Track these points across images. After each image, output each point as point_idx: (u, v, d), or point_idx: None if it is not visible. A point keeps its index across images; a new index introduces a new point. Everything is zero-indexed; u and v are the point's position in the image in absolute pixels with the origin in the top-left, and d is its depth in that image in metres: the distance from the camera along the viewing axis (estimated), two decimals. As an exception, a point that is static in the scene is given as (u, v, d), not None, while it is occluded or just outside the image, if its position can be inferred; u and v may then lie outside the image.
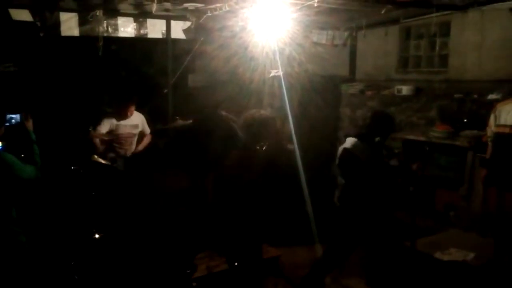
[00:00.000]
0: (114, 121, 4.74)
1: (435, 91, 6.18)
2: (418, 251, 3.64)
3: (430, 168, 5.44)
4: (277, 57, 5.21)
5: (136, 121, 4.92)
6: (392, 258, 3.63)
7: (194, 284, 3.49)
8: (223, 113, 2.38)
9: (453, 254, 3.65)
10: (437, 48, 6.37)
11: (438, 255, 3.63)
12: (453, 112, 5.79)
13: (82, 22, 5.14)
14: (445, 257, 3.61)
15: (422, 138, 5.70)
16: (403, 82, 6.61)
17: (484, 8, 5.47)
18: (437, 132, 5.55)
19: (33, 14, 4.95)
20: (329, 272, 3.65)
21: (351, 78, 7.37)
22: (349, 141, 3.41)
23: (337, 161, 3.48)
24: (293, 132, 4.65)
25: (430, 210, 5.39)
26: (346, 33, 6.96)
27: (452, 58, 6.13)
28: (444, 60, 6.28)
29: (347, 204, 3.46)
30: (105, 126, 4.68)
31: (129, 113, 4.80)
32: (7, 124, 3.06)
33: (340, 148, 3.45)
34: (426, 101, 6.21)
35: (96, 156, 4.38)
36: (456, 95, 5.79)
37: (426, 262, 3.64)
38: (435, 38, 6.33)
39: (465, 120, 5.53)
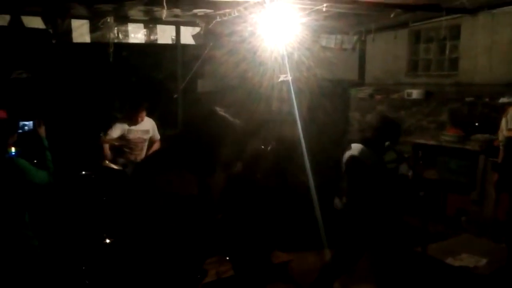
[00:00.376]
0: (125, 126, 4.79)
1: (445, 95, 6.14)
2: (429, 256, 3.60)
3: (441, 172, 5.40)
4: (286, 62, 5.22)
5: (147, 126, 4.96)
6: (403, 263, 3.60)
7: (203, 289, 3.50)
8: (218, 109, 2.36)
9: (465, 260, 3.60)
10: (447, 51, 6.34)
11: (449, 260, 3.58)
12: (464, 116, 5.74)
13: (93, 29, 5.21)
14: (457, 263, 3.56)
15: (432, 142, 5.66)
16: (413, 86, 6.58)
17: (494, 11, 5.43)
18: (448, 136, 5.51)
19: (45, 21, 5.02)
20: (338, 277, 3.63)
21: (360, 82, 7.35)
22: (355, 148, 3.37)
23: (343, 167, 3.46)
24: (301, 136, 4.65)
25: (441, 215, 5.34)
26: (355, 37, 6.95)
27: (462, 62, 6.09)
28: (454, 63, 6.24)
29: (354, 209, 3.44)
30: (116, 131, 4.73)
31: (140, 119, 4.84)
32: (20, 131, 3.12)
33: (346, 155, 3.41)
34: (436, 105, 6.17)
35: (107, 162, 4.42)
36: (467, 99, 5.75)
37: (438, 267, 3.61)
38: (445, 42, 6.29)
39: (476, 124, 5.49)
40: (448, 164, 5.36)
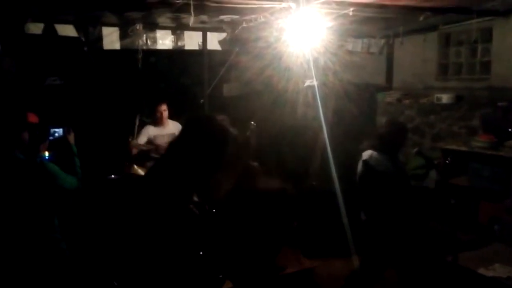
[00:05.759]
0: (152, 131, 4.91)
1: (477, 99, 5.96)
2: (460, 266, 3.49)
3: (473, 179, 5.23)
4: (312, 67, 5.19)
5: (172, 129, 5.03)
6: (433, 272, 3.51)
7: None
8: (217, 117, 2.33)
9: (498, 270, 3.48)
10: (478, 54, 6.15)
11: (481, 270, 3.46)
12: (496, 121, 5.55)
13: (123, 36, 5.36)
14: (489, 273, 3.44)
15: (464, 148, 5.50)
16: (443, 90, 6.42)
17: (527, 13, 5.25)
18: (480, 142, 5.33)
19: (77, 29, 5.20)
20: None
21: (387, 86, 7.23)
22: (366, 155, 3.32)
23: (358, 176, 3.40)
24: (327, 142, 4.61)
25: (473, 224, 5.17)
26: (382, 41, 6.85)
27: (495, 65, 5.89)
28: (486, 67, 6.04)
29: (375, 219, 3.37)
30: (143, 137, 4.84)
31: (162, 116, 4.94)
32: (51, 138, 3.23)
33: (360, 162, 3.37)
34: (467, 109, 5.99)
35: (136, 167, 4.50)
36: (499, 103, 5.55)
37: (469, 277, 3.49)
38: (476, 45, 6.11)
39: (510, 130, 5.29)
40: (481, 171, 5.17)
